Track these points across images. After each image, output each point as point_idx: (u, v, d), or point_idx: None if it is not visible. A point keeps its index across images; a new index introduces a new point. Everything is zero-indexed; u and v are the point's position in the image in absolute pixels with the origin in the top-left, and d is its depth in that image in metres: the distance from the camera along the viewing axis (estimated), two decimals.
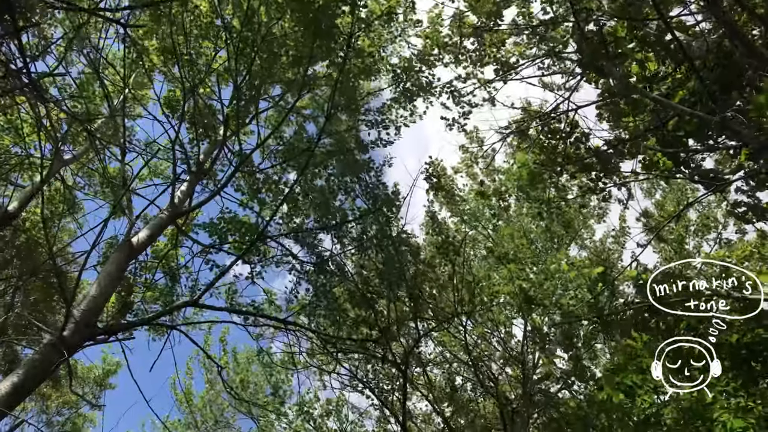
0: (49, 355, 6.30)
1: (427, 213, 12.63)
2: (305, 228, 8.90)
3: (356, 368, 12.52)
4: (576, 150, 10.29)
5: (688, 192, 14.19)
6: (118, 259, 7.28)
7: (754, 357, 6.37)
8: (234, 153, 9.12)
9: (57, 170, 8.87)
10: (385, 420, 13.12)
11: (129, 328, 7.09)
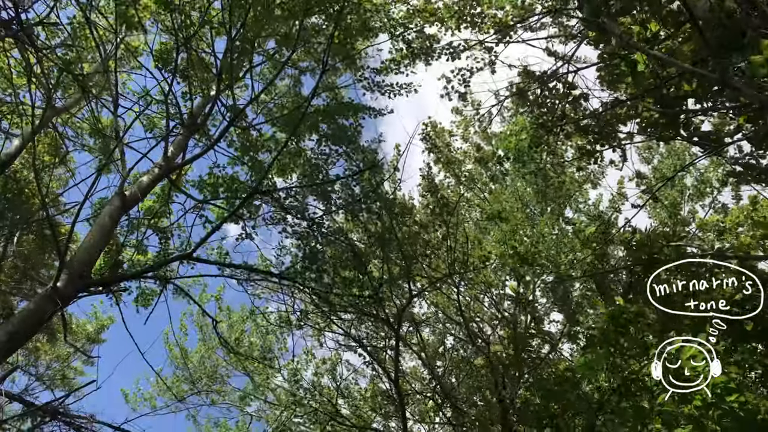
0: (43, 306, 6.29)
1: (423, 175, 12.57)
2: (297, 185, 8.83)
3: (349, 328, 12.62)
4: (574, 111, 10.23)
5: (686, 157, 14.16)
6: (111, 212, 7.24)
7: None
8: (227, 108, 9.00)
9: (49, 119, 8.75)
10: (378, 378, 13.28)
11: (123, 280, 7.08)
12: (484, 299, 14.34)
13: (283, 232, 9.93)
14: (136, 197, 7.50)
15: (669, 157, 14.04)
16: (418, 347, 13.22)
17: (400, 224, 10.67)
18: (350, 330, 12.52)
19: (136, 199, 7.48)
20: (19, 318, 6.12)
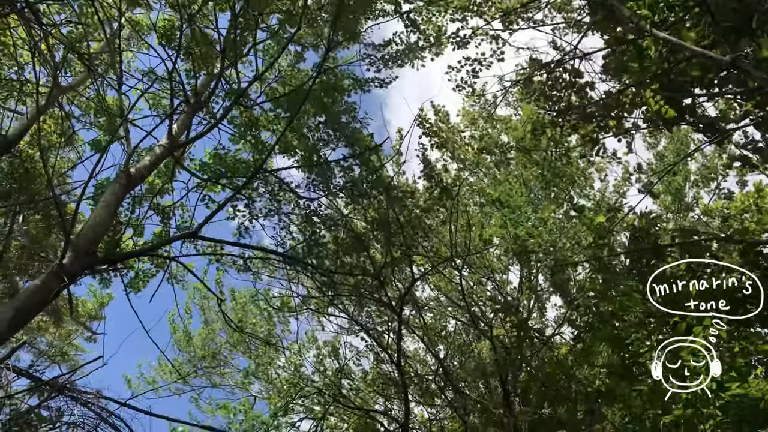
0: (50, 282, 6.32)
1: (421, 159, 12.47)
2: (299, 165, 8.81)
3: (352, 311, 12.68)
4: (579, 100, 10.18)
5: (691, 145, 14.12)
6: (116, 190, 7.25)
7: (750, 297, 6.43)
8: (231, 85, 8.96)
9: (55, 98, 8.73)
10: (381, 361, 13.34)
11: (128, 258, 7.10)
12: (487, 284, 14.38)
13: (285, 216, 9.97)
14: (140, 175, 7.50)
15: (672, 142, 13.99)
16: (420, 330, 13.29)
17: (401, 207, 10.66)
18: (353, 314, 12.58)
19: (141, 177, 7.48)
20: (25, 294, 6.15)
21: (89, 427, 5.84)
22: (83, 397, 5.97)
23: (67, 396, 5.87)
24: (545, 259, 12.21)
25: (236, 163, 8.58)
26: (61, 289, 6.42)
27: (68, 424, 5.74)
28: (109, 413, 6.01)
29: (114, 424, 6.02)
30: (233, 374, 15.19)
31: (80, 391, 6.02)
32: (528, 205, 12.73)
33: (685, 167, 14.04)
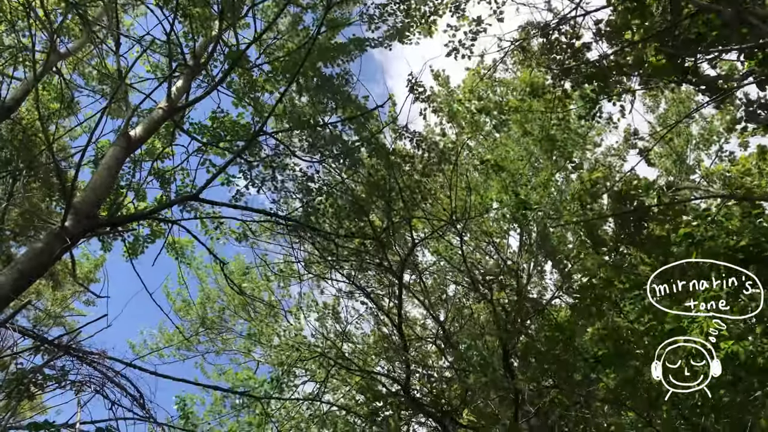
0: (52, 244, 6.33)
1: (410, 134, 12.32)
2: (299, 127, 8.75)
3: (353, 276, 12.75)
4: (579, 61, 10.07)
5: (692, 105, 14.02)
6: (116, 153, 7.22)
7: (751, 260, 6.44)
8: (230, 48, 8.85)
9: (53, 63, 8.65)
10: (381, 323, 13.46)
11: (130, 221, 7.11)
12: (487, 248, 14.44)
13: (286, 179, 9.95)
14: (140, 138, 7.46)
15: (673, 104, 13.89)
16: (421, 294, 13.38)
17: (400, 172, 10.62)
18: (354, 278, 12.65)
19: (141, 139, 7.45)
20: (28, 256, 6.17)
21: (95, 386, 5.91)
22: (88, 357, 6.02)
23: (72, 356, 5.93)
24: (542, 221, 12.24)
25: (235, 125, 8.52)
26: (62, 252, 6.44)
27: (74, 382, 5.80)
28: (115, 373, 6.07)
29: (120, 383, 6.09)
30: (235, 340, 15.31)
31: (85, 351, 6.07)
32: (528, 168, 12.72)
33: (686, 129, 13.98)
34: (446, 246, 13.70)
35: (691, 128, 14.29)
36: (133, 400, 6.00)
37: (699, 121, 14.22)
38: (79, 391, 5.85)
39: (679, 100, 14.07)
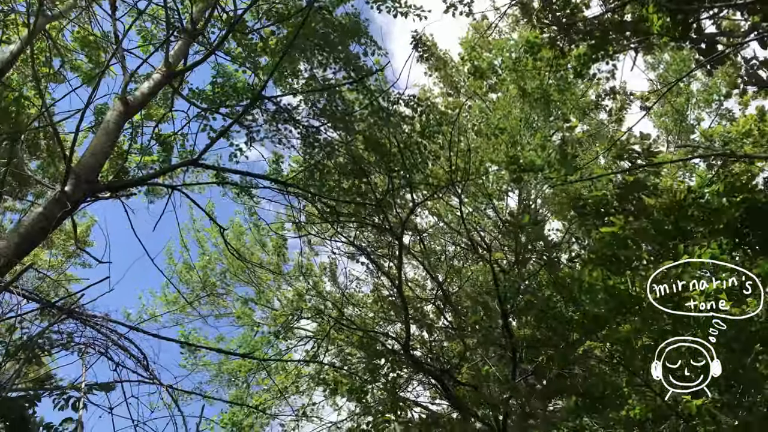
0: (52, 209, 6.36)
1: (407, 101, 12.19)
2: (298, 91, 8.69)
3: (354, 238, 12.83)
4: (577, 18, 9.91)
5: (693, 64, 13.87)
6: (114, 117, 7.18)
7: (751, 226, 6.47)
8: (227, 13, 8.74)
9: (42, 26, 8.52)
10: (381, 285, 13.59)
11: (130, 186, 7.13)
12: (486, 210, 14.50)
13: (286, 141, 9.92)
14: (138, 103, 7.42)
15: (675, 64, 13.75)
16: (420, 255, 13.48)
17: (400, 132, 10.59)
18: (354, 239, 12.73)
19: (139, 104, 7.40)
20: (28, 221, 6.20)
21: (99, 348, 6.01)
22: (92, 320, 6.11)
23: (76, 319, 6.01)
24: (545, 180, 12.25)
25: (235, 90, 8.44)
26: (63, 216, 6.47)
27: (78, 345, 5.89)
28: (119, 335, 6.16)
29: (124, 346, 6.19)
30: (235, 304, 15.42)
31: (88, 314, 6.15)
32: (526, 128, 12.68)
33: (686, 88, 13.87)
34: (445, 207, 13.76)
35: (692, 86, 14.18)
36: (136, 362, 6.11)
37: (699, 79, 14.09)
38: (83, 353, 5.95)
39: (679, 59, 13.92)
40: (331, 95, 9.29)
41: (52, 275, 13.09)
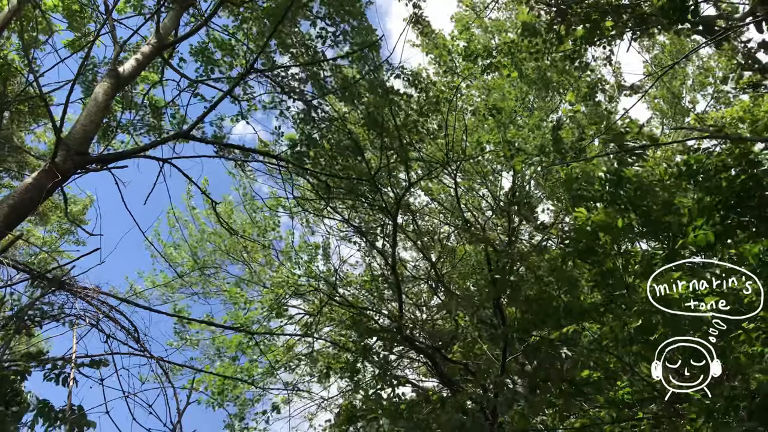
0: (42, 180, 6.29)
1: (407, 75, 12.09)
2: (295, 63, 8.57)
3: (348, 216, 12.80)
4: None
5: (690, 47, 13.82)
6: (105, 88, 7.08)
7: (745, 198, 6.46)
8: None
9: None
10: (375, 263, 13.60)
11: (121, 159, 7.05)
12: (480, 190, 14.48)
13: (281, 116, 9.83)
14: (129, 74, 7.31)
15: (673, 45, 13.68)
16: (414, 235, 13.48)
17: (397, 108, 10.50)
18: (348, 218, 12.71)
19: (130, 76, 7.30)
20: (18, 192, 6.14)
21: (90, 320, 5.98)
22: (82, 292, 6.07)
23: (67, 291, 5.97)
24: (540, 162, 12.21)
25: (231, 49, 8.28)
26: (54, 188, 6.41)
27: (69, 316, 5.86)
28: (110, 307, 6.14)
29: (115, 318, 6.17)
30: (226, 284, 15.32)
31: (79, 286, 6.11)
32: (522, 110, 12.62)
33: (682, 71, 13.82)
34: (439, 187, 13.73)
35: (687, 69, 14.12)
36: (127, 334, 6.09)
37: (695, 62, 14.04)
38: (74, 325, 5.92)
39: (677, 41, 13.85)
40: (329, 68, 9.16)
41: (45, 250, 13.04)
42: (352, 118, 10.95)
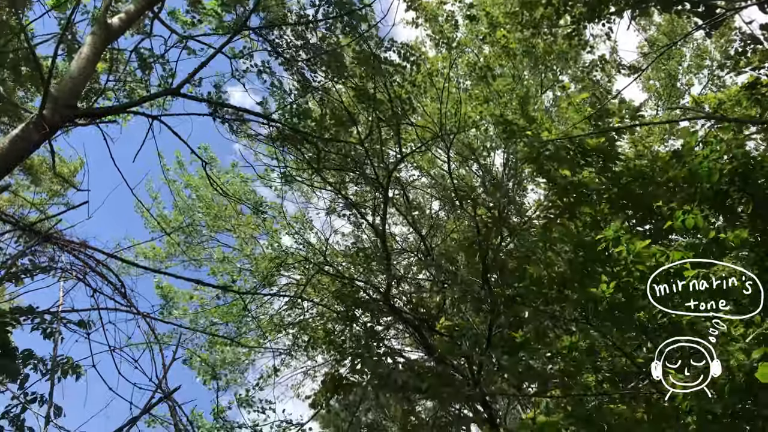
0: (30, 133, 6.15)
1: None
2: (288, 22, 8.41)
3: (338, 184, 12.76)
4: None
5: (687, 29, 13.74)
6: (95, 41, 6.93)
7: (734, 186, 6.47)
8: None
9: None
10: (365, 235, 13.58)
11: (110, 113, 6.94)
12: (473, 165, 14.45)
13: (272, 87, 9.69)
14: (118, 28, 7.16)
15: (667, 24, 13.59)
16: (404, 208, 13.46)
17: (389, 79, 10.39)
18: (339, 186, 12.67)
19: (120, 29, 7.14)
20: (5, 143, 6.02)
21: (77, 274, 5.92)
22: (69, 245, 6.01)
23: (53, 244, 5.90)
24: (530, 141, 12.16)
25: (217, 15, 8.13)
26: (41, 140, 6.30)
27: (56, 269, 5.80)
28: (97, 262, 6.08)
29: (102, 272, 6.11)
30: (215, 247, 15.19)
31: (66, 240, 6.04)
32: (517, 83, 12.53)
33: (678, 52, 13.76)
34: (430, 160, 13.68)
35: (684, 50, 14.06)
36: (114, 289, 6.04)
37: (691, 42, 13.96)
38: (61, 278, 5.86)
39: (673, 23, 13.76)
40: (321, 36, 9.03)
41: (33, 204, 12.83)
42: (343, 88, 10.81)
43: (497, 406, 13.03)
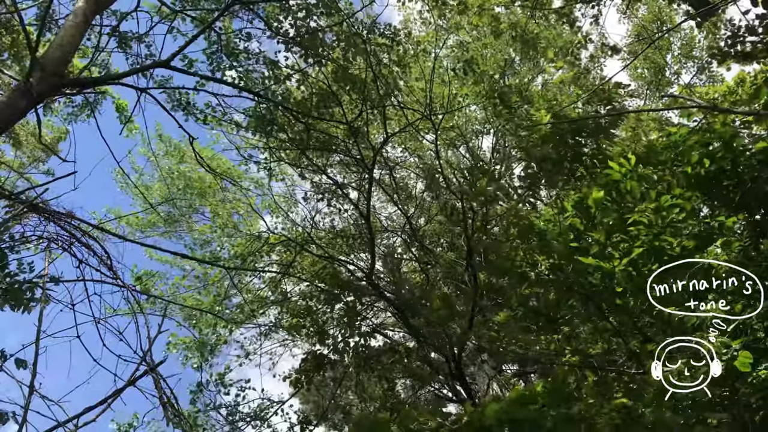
0: (17, 100, 6.05)
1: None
2: None
3: (325, 167, 12.72)
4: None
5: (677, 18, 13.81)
6: (84, 10, 6.82)
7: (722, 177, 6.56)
8: None
9: None
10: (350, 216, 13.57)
11: (98, 84, 6.85)
12: (460, 147, 14.48)
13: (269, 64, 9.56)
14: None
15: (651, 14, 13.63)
16: (390, 189, 13.48)
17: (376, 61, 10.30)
18: (324, 166, 12.63)
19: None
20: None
21: (63, 245, 5.88)
22: (55, 216, 5.95)
23: (39, 213, 5.84)
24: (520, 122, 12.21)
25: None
26: (28, 108, 6.21)
27: (41, 238, 5.75)
28: (83, 233, 6.03)
29: (87, 243, 6.06)
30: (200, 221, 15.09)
31: (52, 210, 5.98)
32: (507, 66, 12.55)
33: (667, 41, 13.83)
34: (418, 143, 13.67)
35: (672, 40, 14.13)
36: (100, 260, 6.00)
37: (680, 32, 14.03)
38: (47, 248, 5.81)
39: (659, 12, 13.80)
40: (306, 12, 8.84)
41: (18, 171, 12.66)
42: (327, 69, 10.68)
43: (476, 387, 13.23)
